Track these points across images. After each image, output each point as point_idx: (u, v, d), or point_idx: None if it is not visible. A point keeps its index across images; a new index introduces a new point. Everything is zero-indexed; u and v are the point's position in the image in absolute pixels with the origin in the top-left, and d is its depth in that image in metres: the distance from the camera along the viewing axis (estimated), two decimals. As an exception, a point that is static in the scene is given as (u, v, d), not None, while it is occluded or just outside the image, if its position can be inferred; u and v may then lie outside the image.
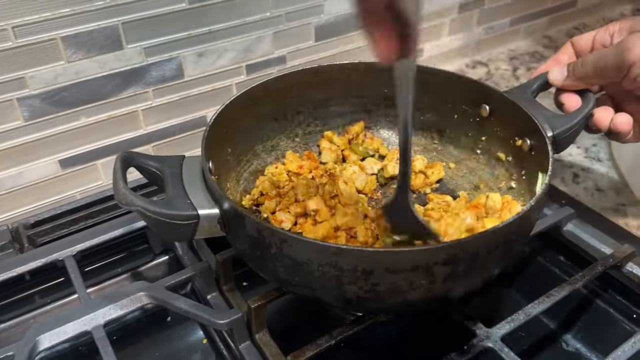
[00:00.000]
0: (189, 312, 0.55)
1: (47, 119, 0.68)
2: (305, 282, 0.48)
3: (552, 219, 0.64)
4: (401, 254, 0.44)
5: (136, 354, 0.62)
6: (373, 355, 0.60)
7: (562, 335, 0.62)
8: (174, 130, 0.79)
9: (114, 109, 0.72)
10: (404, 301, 0.47)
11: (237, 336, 0.54)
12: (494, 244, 0.46)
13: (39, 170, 0.71)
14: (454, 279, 0.46)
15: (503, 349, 0.51)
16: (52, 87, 0.67)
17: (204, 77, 0.77)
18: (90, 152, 0.73)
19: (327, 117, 0.71)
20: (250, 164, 0.67)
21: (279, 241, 0.45)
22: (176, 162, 0.55)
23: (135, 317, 0.65)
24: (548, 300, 0.55)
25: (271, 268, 0.49)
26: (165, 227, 0.49)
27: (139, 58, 0.71)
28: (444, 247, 0.44)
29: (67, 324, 0.54)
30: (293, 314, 0.64)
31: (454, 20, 0.99)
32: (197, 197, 0.51)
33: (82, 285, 0.59)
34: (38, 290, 0.66)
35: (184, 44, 0.73)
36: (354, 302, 0.48)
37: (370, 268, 0.44)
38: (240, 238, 0.50)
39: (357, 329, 0.52)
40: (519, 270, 0.69)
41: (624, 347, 0.51)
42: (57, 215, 0.69)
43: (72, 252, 0.62)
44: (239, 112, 0.62)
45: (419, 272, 0.44)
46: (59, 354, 0.61)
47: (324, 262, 0.44)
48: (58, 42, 0.65)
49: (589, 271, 0.59)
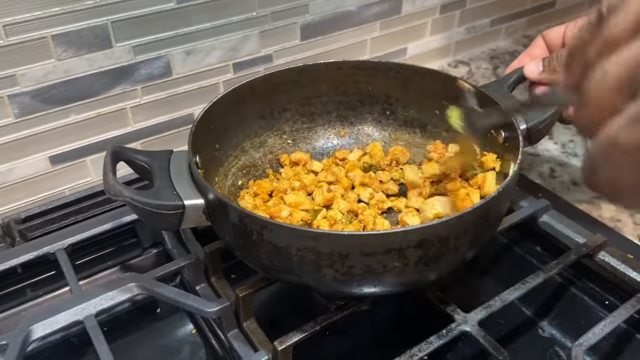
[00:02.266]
0: (178, 302, 0.57)
1: (38, 116, 0.69)
2: (286, 266, 0.50)
3: (528, 210, 0.67)
4: (375, 237, 0.46)
5: (126, 345, 0.63)
6: (357, 341, 0.62)
7: (538, 322, 0.65)
8: (161, 127, 0.80)
9: (103, 106, 0.74)
10: (379, 283, 0.49)
11: (226, 324, 0.56)
12: (463, 228, 0.48)
13: (30, 167, 0.72)
14: (426, 262, 0.48)
15: (480, 332, 0.53)
16: (42, 85, 0.68)
17: (191, 75, 0.79)
18: (79, 148, 0.75)
19: (313, 115, 0.73)
20: (239, 160, 0.68)
21: (259, 227, 0.48)
22: (164, 156, 0.57)
23: (126, 309, 0.66)
24: (523, 287, 0.58)
25: (254, 254, 0.51)
26: (153, 217, 0.52)
27: (128, 56, 0.72)
28: (415, 231, 0.46)
29: (60, 313, 0.55)
30: (279, 303, 0.66)
31: (436, 20, 1.01)
32: (183, 189, 0.53)
33: (74, 277, 0.60)
34: (29, 284, 0.67)
35: (172, 42, 0.75)
36: (332, 286, 0.50)
37: (346, 251, 0.46)
38: (224, 226, 0.52)
39: (341, 316, 0.54)
40: (496, 260, 0.72)
41: (594, 330, 0.54)
42: (47, 211, 0.71)
43: (63, 245, 0.64)
44: (226, 109, 0.64)
45: (392, 254, 0.46)
46: (51, 345, 0.62)
47: (302, 247, 0.46)
48: (49, 41, 0.66)
49: (562, 259, 0.61)
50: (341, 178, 0.67)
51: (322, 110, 0.73)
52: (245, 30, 0.80)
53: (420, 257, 0.47)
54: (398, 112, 0.72)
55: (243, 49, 0.81)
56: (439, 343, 0.52)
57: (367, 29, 0.93)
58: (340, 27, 0.89)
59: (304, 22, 0.85)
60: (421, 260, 0.48)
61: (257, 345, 0.55)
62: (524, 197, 0.70)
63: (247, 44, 0.81)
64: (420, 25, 1.00)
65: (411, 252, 0.47)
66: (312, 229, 0.47)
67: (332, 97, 0.72)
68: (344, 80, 0.71)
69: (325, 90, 0.72)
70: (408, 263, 0.47)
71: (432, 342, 0.52)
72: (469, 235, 0.49)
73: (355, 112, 0.74)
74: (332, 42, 0.90)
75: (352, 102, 0.73)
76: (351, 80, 0.71)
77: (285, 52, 0.86)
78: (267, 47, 0.83)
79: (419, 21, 0.99)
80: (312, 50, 0.88)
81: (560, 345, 0.62)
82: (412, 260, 0.47)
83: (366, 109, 0.74)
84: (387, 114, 0.73)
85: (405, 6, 0.95)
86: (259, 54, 0.83)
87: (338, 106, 0.73)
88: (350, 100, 0.73)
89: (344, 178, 0.67)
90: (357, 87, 0.72)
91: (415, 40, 1.01)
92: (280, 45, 0.85)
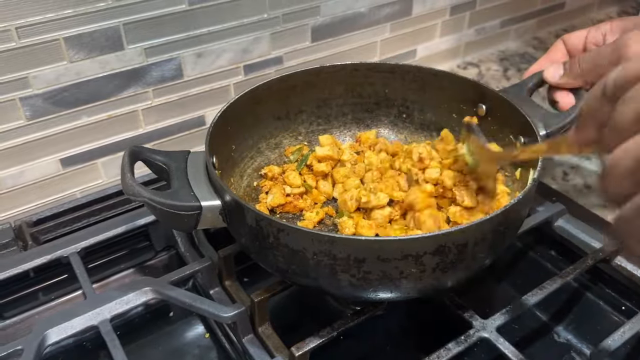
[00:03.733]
0: (193, 306, 0.56)
1: (49, 119, 0.69)
2: (302, 270, 0.49)
3: (543, 214, 0.67)
4: (392, 243, 0.46)
5: (139, 349, 0.63)
6: (372, 346, 0.62)
7: (554, 327, 0.64)
8: (172, 130, 0.80)
9: (115, 108, 0.73)
10: (396, 289, 0.49)
11: (241, 329, 0.56)
12: (481, 235, 0.48)
13: (41, 169, 0.71)
14: (443, 269, 0.48)
15: (498, 339, 0.53)
16: (54, 87, 0.67)
17: (202, 77, 0.78)
18: (90, 151, 0.74)
19: (329, 117, 0.73)
20: (254, 161, 0.68)
21: (276, 231, 0.47)
22: (181, 157, 0.57)
23: (138, 313, 0.66)
24: (541, 292, 0.57)
25: (270, 257, 0.51)
26: (170, 218, 0.52)
27: (140, 58, 0.72)
28: (433, 237, 0.46)
29: (74, 318, 0.55)
30: (294, 308, 0.66)
31: (446, 21, 1.01)
32: (200, 190, 0.53)
33: (88, 281, 0.60)
34: (42, 287, 0.67)
35: (184, 44, 0.74)
36: (348, 290, 0.50)
37: (363, 256, 0.46)
38: (240, 228, 0.52)
39: (357, 321, 0.54)
40: (511, 265, 0.71)
41: (614, 337, 0.53)
42: (59, 214, 0.70)
43: (77, 248, 0.64)
44: (243, 110, 0.64)
45: (409, 260, 0.46)
46: (64, 350, 0.62)
47: (319, 251, 0.46)
48: (61, 43, 0.65)
49: (579, 264, 0.61)
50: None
51: (337, 112, 0.73)
52: (257, 32, 0.79)
53: (438, 263, 0.47)
54: (414, 115, 0.72)
55: (254, 51, 0.81)
56: (458, 350, 0.52)
57: (378, 31, 0.92)
58: (350, 29, 0.89)
59: (315, 24, 0.84)
60: (438, 266, 0.47)
61: (273, 350, 0.54)
62: (538, 202, 0.69)
63: (258, 46, 0.81)
64: (430, 26, 0.99)
65: (428, 259, 0.46)
66: (328, 233, 0.46)
67: (348, 99, 0.72)
68: (360, 82, 0.71)
69: (341, 92, 0.71)
70: (425, 269, 0.47)
71: (450, 348, 0.52)
72: (488, 242, 0.49)
73: (371, 115, 0.73)
74: (343, 44, 0.89)
75: (368, 104, 0.73)
76: (367, 82, 0.71)
77: (296, 54, 0.85)
78: (278, 49, 0.83)
79: (429, 22, 0.99)
80: (322, 52, 0.88)
81: (576, 351, 0.62)
82: (429, 266, 0.47)
83: (382, 111, 0.73)
84: (403, 117, 0.73)
85: (416, 7, 0.94)
86: (269, 56, 0.83)
87: (354, 108, 0.73)
88: (366, 102, 0.73)
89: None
90: (373, 89, 0.71)
91: (425, 42, 1.01)
92: (291, 47, 0.84)
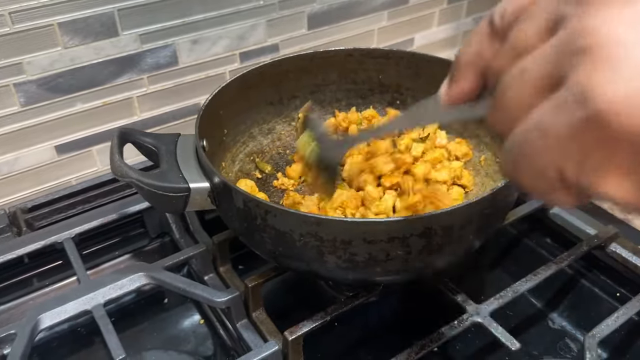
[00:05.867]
0: (187, 292, 0.56)
1: (44, 105, 0.69)
2: (289, 252, 0.49)
3: (538, 201, 0.66)
4: (377, 225, 0.46)
5: (134, 335, 0.63)
6: (366, 331, 0.62)
7: (548, 314, 0.64)
8: (167, 117, 0.79)
9: (110, 95, 0.73)
10: (382, 271, 0.49)
11: (235, 314, 0.56)
12: (468, 218, 0.47)
13: (36, 156, 0.71)
14: (430, 251, 0.48)
15: (492, 323, 0.53)
16: (48, 73, 0.67)
17: (197, 64, 0.78)
18: (86, 138, 0.74)
19: (323, 102, 0.73)
20: (246, 146, 0.68)
21: (263, 212, 0.47)
22: (171, 139, 0.57)
23: (133, 299, 0.66)
24: (535, 278, 0.57)
25: (258, 239, 0.51)
26: (158, 199, 0.52)
27: (134, 45, 0.71)
28: (418, 219, 0.46)
29: (68, 303, 0.55)
30: (289, 294, 0.66)
31: (444, 10, 1.00)
32: (189, 172, 0.53)
33: (82, 266, 0.60)
34: (36, 273, 0.67)
35: (179, 31, 0.74)
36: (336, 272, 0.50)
37: (349, 238, 0.46)
38: (229, 210, 0.52)
39: (351, 306, 0.54)
40: (506, 251, 0.71)
41: (607, 322, 0.53)
42: (54, 200, 0.70)
43: (71, 234, 0.63)
44: (235, 95, 0.64)
45: (395, 243, 0.46)
46: (58, 335, 0.62)
47: (305, 232, 0.46)
48: (55, 28, 0.65)
49: (574, 251, 0.61)
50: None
51: (331, 98, 0.73)
52: (252, 19, 0.79)
53: (424, 246, 0.47)
54: (408, 102, 0.72)
55: (250, 38, 0.80)
56: (451, 334, 0.51)
57: (375, 19, 0.92)
58: (347, 17, 0.88)
59: (312, 11, 0.84)
60: (425, 249, 0.47)
61: (267, 335, 0.54)
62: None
63: (254, 33, 0.80)
64: (428, 15, 0.99)
65: (414, 241, 0.46)
66: (315, 214, 0.46)
67: (341, 85, 0.72)
68: (354, 68, 0.70)
69: (335, 78, 0.71)
70: (411, 251, 0.47)
71: (443, 333, 0.52)
72: (474, 225, 0.49)
73: (365, 101, 0.73)
74: (339, 32, 0.89)
75: (362, 90, 0.73)
76: (361, 68, 0.70)
77: (292, 42, 0.85)
78: (274, 37, 0.83)
79: (426, 11, 0.98)
80: (319, 40, 0.88)
81: (570, 337, 0.62)
82: (415, 249, 0.47)
83: (376, 97, 0.73)
84: (397, 103, 0.72)
85: (413, -5, 0.94)
86: (265, 44, 0.82)
87: (348, 94, 0.73)
88: (360, 88, 0.72)
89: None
90: (367, 75, 0.71)
91: (422, 31, 1.00)
92: (287, 35, 0.84)
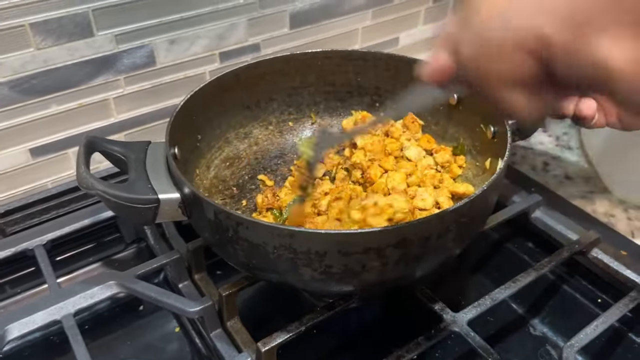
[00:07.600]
0: (159, 301, 0.55)
1: (17, 107, 0.67)
2: (263, 264, 0.48)
3: (520, 205, 0.65)
4: (352, 236, 0.45)
5: (108, 344, 0.62)
6: (344, 340, 0.61)
7: (529, 320, 0.63)
8: (145, 118, 0.78)
9: (85, 97, 0.71)
10: (359, 283, 0.48)
11: (208, 324, 0.55)
12: (445, 227, 0.46)
13: (10, 159, 0.70)
14: (407, 261, 0.46)
15: (469, 333, 0.52)
16: (20, 75, 0.66)
17: (176, 64, 0.76)
18: (61, 140, 0.72)
19: (301, 105, 0.71)
20: (222, 151, 0.67)
21: (235, 224, 0.46)
22: (141, 147, 0.55)
23: (107, 307, 0.65)
24: (514, 285, 0.56)
25: (230, 251, 0.49)
26: (126, 211, 0.50)
27: (110, 45, 0.70)
28: (394, 230, 0.45)
29: (37, 313, 0.54)
30: (265, 302, 0.65)
31: (429, 9, 0.99)
32: (158, 182, 0.52)
33: (52, 275, 0.58)
34: (7, 281, 0.65)
35: (156, 31, 0.72)
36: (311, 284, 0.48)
37: (323, 250, 0.44)
38: (200, 222, 0.51)
39: (327, 315, 0.53)
40: (487, 256, 0.70)
41: (587, 330, 0.53)
42: (27, 205, 0.69)
43: (42, 241, 0.62)
44: (209, 100, 0.62)
45: (371, 254, 0.45)
46: (30, 344, 0.61)
47: (279, 245, 0.45)
48: (26, 29, 0.63)
49: (555, 257, 0.60)
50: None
51: (309, 101, 0.71)
52: (233, 18, 0.77)
53: (401, 256, 0.46)
54: (387, 104, 0.71)
55: (230, 37, 0.79)
56: (427, 345, 0.50)
57: (359, 18, 0.90)
58: (330, 16, 0.87)
59: (294, 10, 0.82)
60: (402, 259, 0.46)
61: (241, 345, 0.53)
62: (515, 192, 0.68)
63: (234, 33, 0.79)
64: (414, 14, 0.98)
65: (391, 252, 0.45)
66: (288, 226, 0.45)
67: (320, 87, 0.71)
68: (332, 71, 0.69)
69: (313, 80, 0.70)
70: (387, 262, 0.46)
71: (420, 343, 0.51)
72: (452, 234, 0.48)
73: (344, 104, 0.72)
74: (322, 31, 0.87)
75: (340, 93, 0.72)
76: (340, 70, 0.69)
77: (274, 41, 0.83)
78: (255, 36, 0.81)
79: (412, 10, 0.97)
80: (301, 40, 0.86)
81: (551, 344, 0.61)
82: (392, 259, 0.46)
83: (355, 100, 0.72)
84: (376, 105, 0.71)
85: (398, -6, 0.93)
86: (246, 43, 0.81)
87: (326, 97, 0.72)
88: (339, 91, 0.71)
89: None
90: (345, 77, 0.70)
91: (407, 30, 0.99)
92: (268, 34, 0.82)
